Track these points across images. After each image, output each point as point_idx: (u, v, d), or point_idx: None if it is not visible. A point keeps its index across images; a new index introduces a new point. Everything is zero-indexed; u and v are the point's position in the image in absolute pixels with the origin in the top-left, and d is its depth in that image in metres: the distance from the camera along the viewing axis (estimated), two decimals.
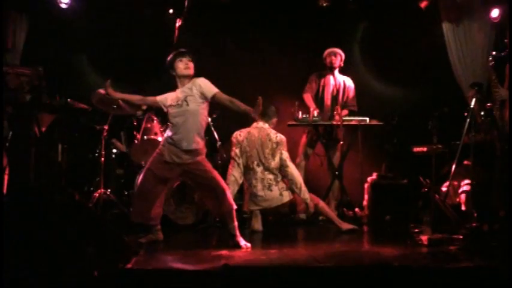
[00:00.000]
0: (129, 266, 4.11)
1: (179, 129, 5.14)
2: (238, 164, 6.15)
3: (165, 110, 5.31)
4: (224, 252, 4.89)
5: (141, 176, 5.41)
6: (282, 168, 6.16)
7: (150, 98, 5.45)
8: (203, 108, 5.19)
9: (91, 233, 4.06)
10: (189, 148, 5.14)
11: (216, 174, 5.27)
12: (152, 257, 4.66)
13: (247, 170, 6.17)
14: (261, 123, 6.27)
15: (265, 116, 6.26)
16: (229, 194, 5.27)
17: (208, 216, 6.26)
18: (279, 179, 6.16)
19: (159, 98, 5.35)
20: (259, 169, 6.13)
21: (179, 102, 5.15)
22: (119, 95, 5.47)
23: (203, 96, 5.13)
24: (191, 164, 5.19)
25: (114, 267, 3.97)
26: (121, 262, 4.08)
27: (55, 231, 3.91)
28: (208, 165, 5.29)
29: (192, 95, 5.13)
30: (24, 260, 3.73)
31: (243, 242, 5.15)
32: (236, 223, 5.23)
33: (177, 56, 5.22)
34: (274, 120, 6.40)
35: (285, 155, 6.18)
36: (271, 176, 6.13)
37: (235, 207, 5.26)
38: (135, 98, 5.55)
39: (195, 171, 5.22)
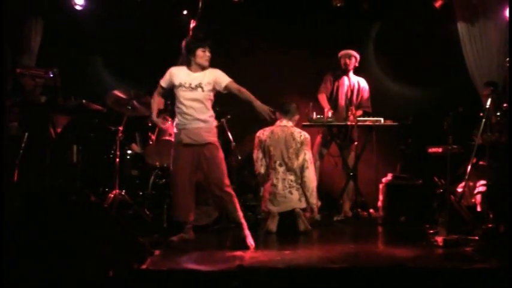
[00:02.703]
0: (143, 266, 4.13)
1: (190, 110, 5.26)
2: (262, 165, 6.17)
3: (171, 87, 5.40)
4: (238, 253, 4.90)
5: (172, 175, 5.45)
6: (302, 167, 6.14)
7: (158, 89, 5.51)
8: (213, 95, 5.39)
9: (106, 233, 4.09)
10: (205, 124, 5.29)
11: (223, 165, 5.38)
12: (167, 258, 4.67)
13: (268, 170, 6.15)
14: (284, 122, 6.21)
15: (287, 114, 6.22)
16: (229, 184, 5.36)
17: (222, 217, 6.26)
18: (300, 181, 6.12)
19: (164, 83, 5.42)
20: (281, 169, 6.09)
21: (192, 86, 5.27)
22: (155, 115, 5.58)
23: (216, 85, 5.32)
24: (208, 145, 5.29)
25: (129, 268, 3.99)
26: (136, 262, 4.10)
27: (70, 231, 3.93)
28: (221, 154, 5.39)
29: (207, 83, 5.30)
30: (40, 260, 3.76)
31: (250, 240, 5.22)
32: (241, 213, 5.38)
33: (199, 43, 5.32)
34: (296, 117, 6.36)
35: (308, 155, 6.15)
36: (292, 177, 6.07)
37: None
38: (159, 103, 5.75)
39: (207, 154, 5.30)
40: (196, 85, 5.26)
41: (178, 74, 5.34)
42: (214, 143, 5.35)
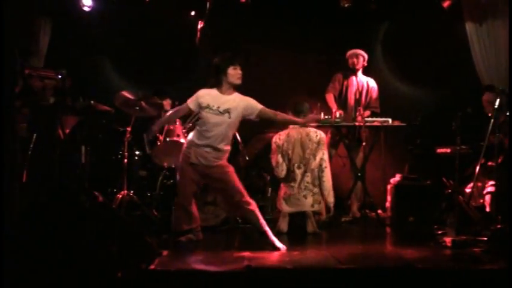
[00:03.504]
0: (152, 267, 4.13)
1: (210, 134, 5.15)
2: (282, 170, 6.15)
3: (197, 110, 5.27)
4: (247, 253, 4.89)
5: (178, 188, 5.46)
6: (320, 167, 6.12)
7: (183, 107, 5.36)
8: (238, 122, 5.27)
9: (114, 234, 4.09)
10: (217, 153, 5.20)
11: (235, 178, 5.29)
12: (175, 258, 4.68)
13: (288, 172, 6.15)
14: None
15: (300, 114, 6.13)
16: (246, 194, 5.26)
17: (230, 218, 6.26)
18: (317, 183, 6.10)
19: (192, 105, 5.24)
20: (299, 171, 6.08)
21: (220, 110, 5.12)
22: (157, 127, 5.55)
23: (247, 113, 5.19)
24: (215, 167, 5.24)
25: (137, 268, 4.00)
26: (144, 263, 4.10)
27: (79, 232, 3.94)
28: (231, 169, 5.31)
29: (236, 108, 5.15)
30: (48, 261, 3.77)
31: (278, 243, 5.16)
32: (263, 221, 5.29)
33: (230, 61, 5.17)
34: None
35: (326, 155, 6.14)
36: (309, 179, 6.07)
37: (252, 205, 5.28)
38: (171, 116, 5.57)
39: (216, 174, 5.26)
40: (224, 110, 5.12)
41: (207, 96, 5.18)
42: (221, 163, 5.28)
